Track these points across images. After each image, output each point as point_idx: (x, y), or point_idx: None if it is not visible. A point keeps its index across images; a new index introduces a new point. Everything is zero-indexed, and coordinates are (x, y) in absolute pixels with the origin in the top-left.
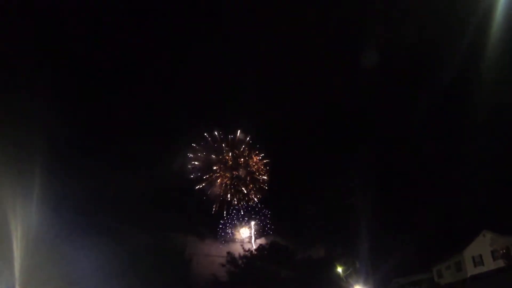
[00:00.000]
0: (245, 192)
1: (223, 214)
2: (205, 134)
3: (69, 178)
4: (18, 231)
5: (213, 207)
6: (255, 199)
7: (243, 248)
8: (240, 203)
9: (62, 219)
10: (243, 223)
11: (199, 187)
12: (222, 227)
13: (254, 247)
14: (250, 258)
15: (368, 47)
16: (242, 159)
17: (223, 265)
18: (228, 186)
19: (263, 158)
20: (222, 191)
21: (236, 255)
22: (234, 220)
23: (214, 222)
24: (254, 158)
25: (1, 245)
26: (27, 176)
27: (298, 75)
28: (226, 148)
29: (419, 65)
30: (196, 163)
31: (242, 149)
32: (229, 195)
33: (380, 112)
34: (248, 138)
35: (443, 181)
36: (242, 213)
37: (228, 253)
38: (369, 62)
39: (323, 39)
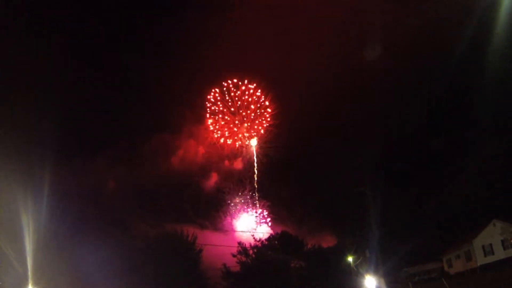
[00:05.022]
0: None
1: (228, 204)
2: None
3: (77, 174)
4: (30, 228)
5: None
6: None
7: (253, 238)
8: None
9: (72, 215)
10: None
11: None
12: (228, 217)
13: (261, 235)
14: (261, 248)
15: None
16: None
17: (233, 255)
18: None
19: None
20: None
21: (247, 245)
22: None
23: (220, 212)
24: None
25: (14, 242)
26: (36, 175)
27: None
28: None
29: (424, 59)
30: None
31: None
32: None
33: (392, 102)
34: None
35: (453, 170)
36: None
37: (239, 243)
38: (374, 55)
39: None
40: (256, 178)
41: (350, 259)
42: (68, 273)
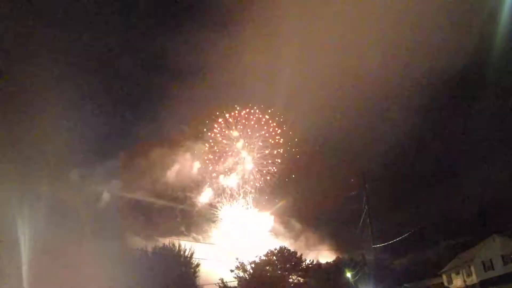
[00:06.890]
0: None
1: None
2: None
3: (73, 186)
4: (26, 235)
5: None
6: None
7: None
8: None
9: (68, 223)
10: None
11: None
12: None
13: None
14: (258, 263)
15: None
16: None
17: (231, 271)
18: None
19: None
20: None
21: (245, 260)
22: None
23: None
24: None
25: (9, 249)
26: (34, 181)
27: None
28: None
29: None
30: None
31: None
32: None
33: (391, 108)
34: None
35: (453, 185)
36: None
37: (237, 258)
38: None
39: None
40: (251, 195)
41: (349, 275)
42: (63, 285)
